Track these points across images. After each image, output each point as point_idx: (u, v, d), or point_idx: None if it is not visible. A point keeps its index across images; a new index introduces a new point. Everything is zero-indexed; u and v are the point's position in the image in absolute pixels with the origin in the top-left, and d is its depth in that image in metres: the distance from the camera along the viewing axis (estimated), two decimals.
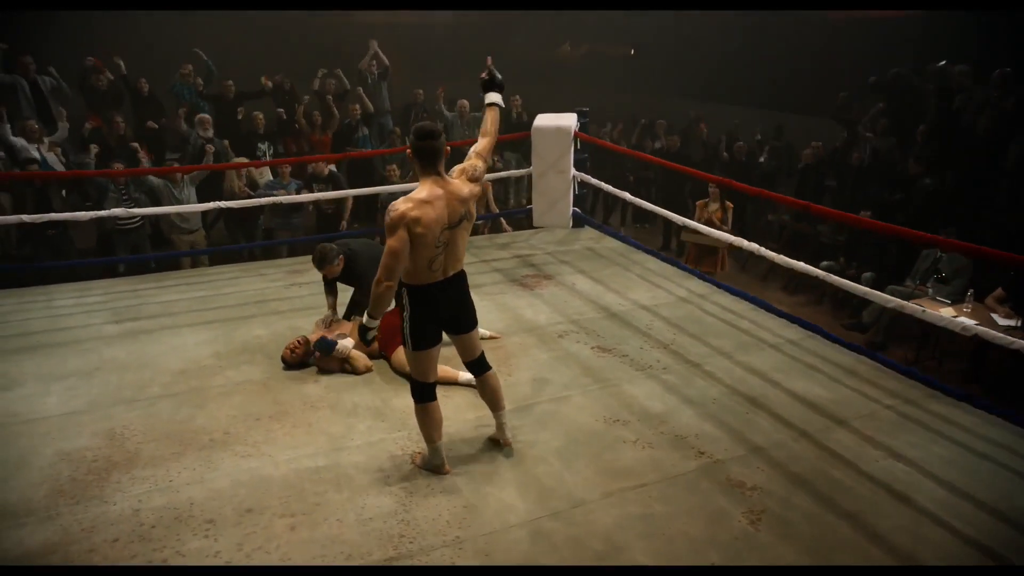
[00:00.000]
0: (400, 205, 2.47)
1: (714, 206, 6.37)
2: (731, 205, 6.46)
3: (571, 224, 5.88)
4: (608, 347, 4.00)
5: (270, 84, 7.74)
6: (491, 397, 2.93)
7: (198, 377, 3.68)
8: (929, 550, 2.41)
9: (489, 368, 2.92)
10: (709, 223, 5.82)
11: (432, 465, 2.82)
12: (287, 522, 2.55)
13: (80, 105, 7.60)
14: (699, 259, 6.38)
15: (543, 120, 5.59)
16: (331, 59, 8.57)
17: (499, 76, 2.94)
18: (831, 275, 3.80)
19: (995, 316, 5.01)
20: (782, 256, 3.95)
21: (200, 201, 6.68)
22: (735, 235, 4.68)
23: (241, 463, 2.92)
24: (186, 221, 6.66)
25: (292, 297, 4.81)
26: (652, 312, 4.52)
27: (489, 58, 3.00)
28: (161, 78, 7.69)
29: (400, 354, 3.68)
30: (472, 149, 2.79)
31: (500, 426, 3.00)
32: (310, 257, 3.98)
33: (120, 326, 4.34)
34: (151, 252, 6.56)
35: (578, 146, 5.61)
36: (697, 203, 6.63)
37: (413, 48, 11.38)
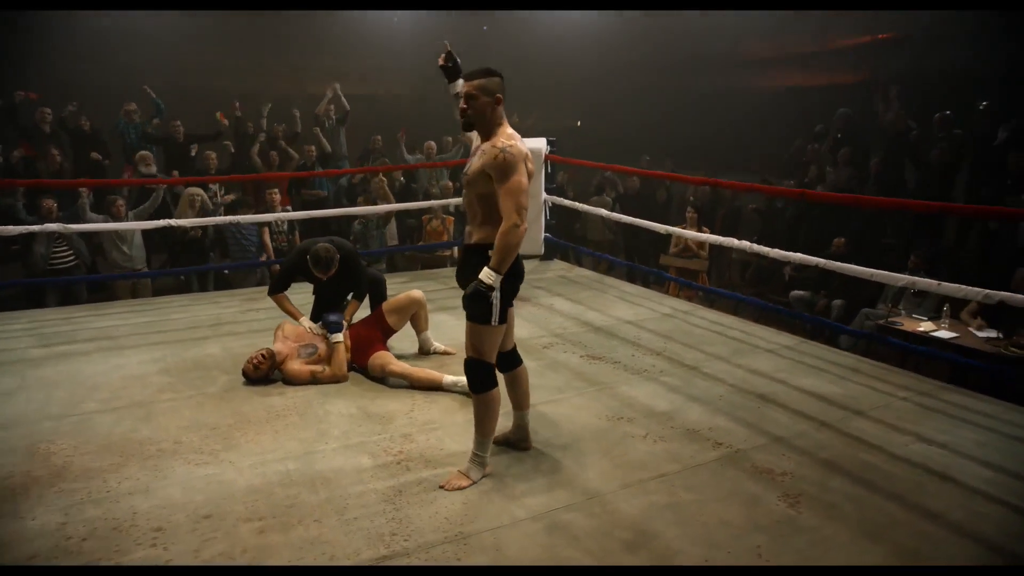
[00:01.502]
0: (514, 142, 2.26)
1: (691, 230, 6.32)
2: (707, 230, 6.41)
3: (543, 250, 5.70)
4: (597, 355, 3.74)
5: (226, 121, 7.46)
6: (521, 394, 2.62)
7: (142, 392, 3.22)
8: (991, 525, 2.16)
9: (521, 361, 2.63)
10: (686, 249, 5.74)
11: (477, 471, 2.42)
12: (254, 526, 2.12)
13: (9, 138, 7.06)
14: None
15: None
16: (288, 101, 8.40)
17: (459, 61, 2.70)
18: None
19: (972, 330, 4.99)
20: (777, 250, 3.80)
21: (146, 239, 6.29)
22: (710, 258, 4.57)
23: (195, 470, 2.48)
24: (129, 260, 6.17)
25: (250, 320, 4.40)
26: (637, 326, 4.30)
27: (446, 42, 2.75)
28: (107, 116, 7.34)
29: (380, 358, 3.33)
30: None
31: (522, 427, 2.66)
32: (266, 288, 3.66)
33: (49, 349, 3.84)
34: (85, 295, 6.00)
35: (549, 169, 5.50)
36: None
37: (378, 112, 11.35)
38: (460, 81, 2.60)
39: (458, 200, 6.39)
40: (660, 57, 12.85)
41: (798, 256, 3.61)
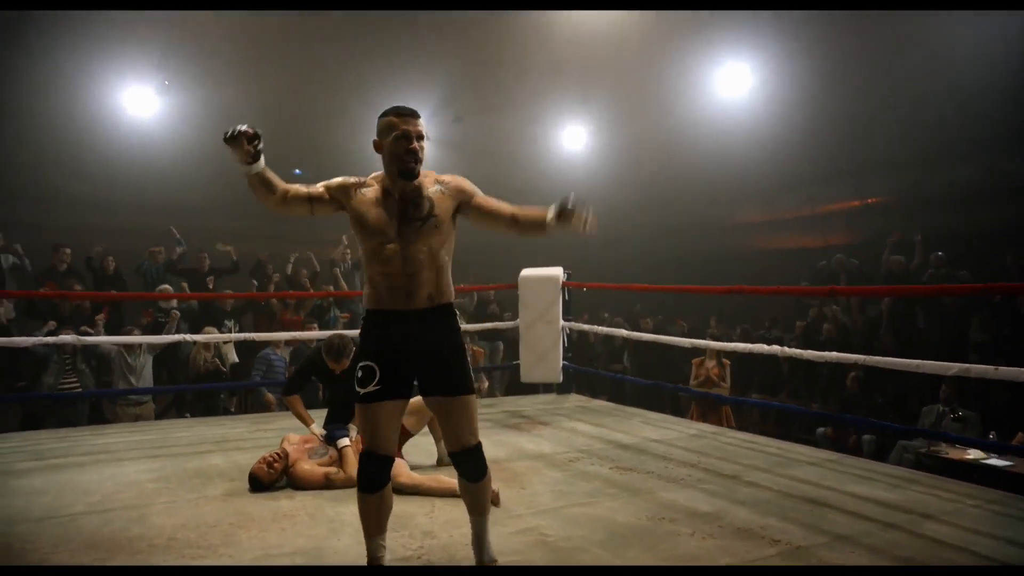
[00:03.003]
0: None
1: (711, 363, 6.17)
2: (727, 362, 6.27)
3: (561, 378, 5.55)
4: (628, 467, 3.47)
5: (230, 249, 7.66)
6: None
7: (137, 496, 2.96)
8: None
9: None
10: (707, 380, 5.59)
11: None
12: None
13: (37, 283, 7.25)
14: (702, 417, 5.99)
15: (530, 271, 5.56)
16: (305, 243, 8.65)
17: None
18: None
19: None
20: (810, 351, 3.66)
21: (156, 373, 6.19)
22: (735, 391, 4.43)
23: (189, 564, 2.19)
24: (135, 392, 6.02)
25: (258, 437, 4.17)
26: (666, 444, 4.05)
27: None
28: (130, 258, 7.55)
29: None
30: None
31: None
32: (274, 414, 3.53)
33: (39, 462, 3.59)
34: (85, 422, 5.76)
35: (567, 296, 5.53)
36: (693, 361, 6.43)
37: None
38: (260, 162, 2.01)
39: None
40: (664, 220, 13.52)
41: (834, 355, 3.47)
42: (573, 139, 13.74)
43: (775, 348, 3.78)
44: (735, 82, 10.77)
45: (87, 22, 9.40)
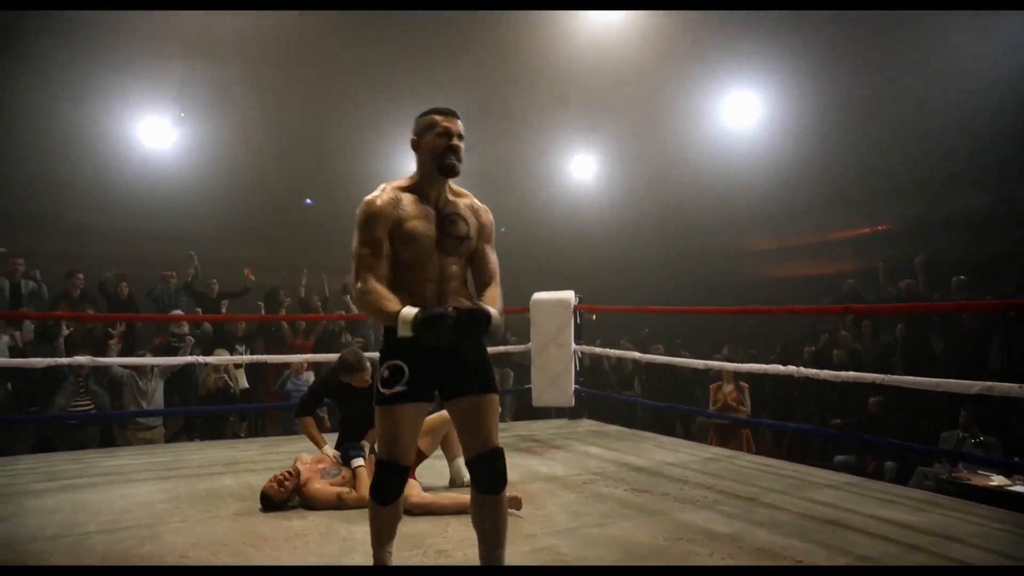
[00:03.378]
0: None
1: (728, 387, 6.11)
2: (746, 385, 6.20)
3: (573, 402, 5.50)
4: (643, 488, 3.42)
5: (252, 278, 7.70)
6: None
7: (149, 516, 2.94)
8: None
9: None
10: (725, 406, 5.53)
11: None
12: None
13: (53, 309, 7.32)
14: (721, 443, 5.91)
15: (542, 295, 5.56)
16: (317, 269, 8.70)
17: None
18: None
19: None
20: (827, 371, 3.62)
21: (167, 396, 6.19)
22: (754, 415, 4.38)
23: None
24: (146, 417, 6.02)
25: (269, 459, 4.14)
26: (681, 467, 3.99)
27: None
28: (144, 287, 7.60)
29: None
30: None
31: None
32: (285, 437, 3.53)
33: (53, 483, 3.58)
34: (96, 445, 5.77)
35: (579, 320, 5.51)
36: (711, 386, 6.38)
37: None
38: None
39: None
40: (672, 247, 13.53)
41: (851, 375, 3.43)
42: (582, 168, 13.85)
43: (791, 368, 3.73)
44: (743, 110, 10.86)
45: (106, 55, 9.65)
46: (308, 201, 14.26)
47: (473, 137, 2.12)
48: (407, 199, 2.02)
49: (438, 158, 1.98)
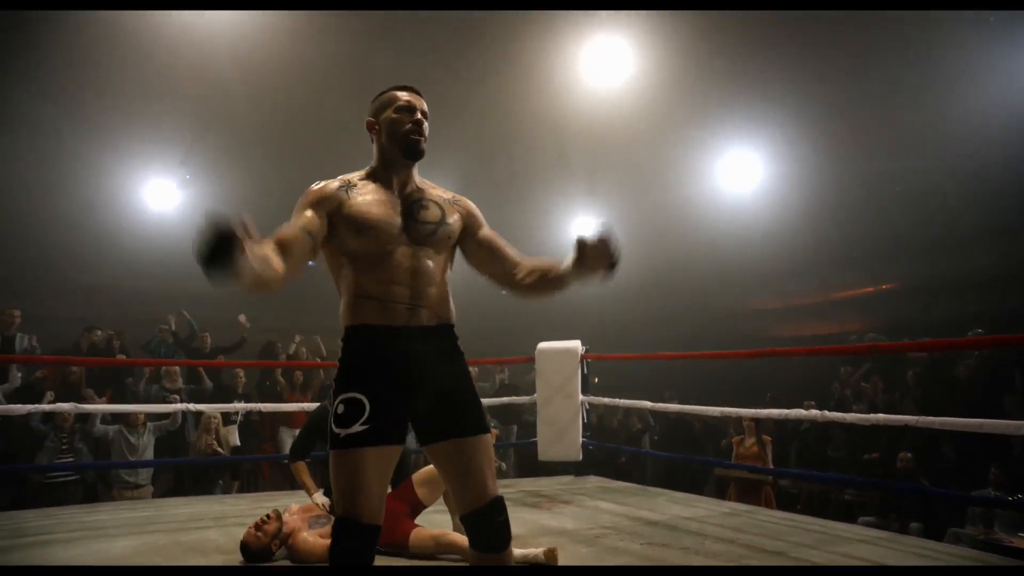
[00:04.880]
0: None
1: (750, 440, 5.84)
2: (769, 439, 5.93)
3: (581, 456, 5.23)
4: (661, 543, 3.17)
5: (247, 325, 7.51)
6: None
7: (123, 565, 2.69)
8: None
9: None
10: (746, 460, 5.27)
11: None
12: None
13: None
14: (741, 498, 5.60)
15: (547, 344, 5.38)
16: (310, 331, 8.51)
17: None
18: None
19: None
20: (854, 414, 3.40)
21: (158, 456, 5.92)
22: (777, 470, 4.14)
23: None
24: (134, 474, 5.73)
25: (259, 513, 3.86)
26: (699, 521, 3.72)
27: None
28: (137, 338, 7.42)
29: (423, 531, 2.83)
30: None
31: None
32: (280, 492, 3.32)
33: (23, 539, 3.32)
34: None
35: (585, 370, 5.31)
36: (734, 439, 6.11)
37: None
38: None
39: None
40: (675, 307, 13.41)
41: (881, 417, 3.21)
42: (583, 229, 13.89)
43: (814, 413, 3.50)
44: (743, 168, 10.95)
45: (113, 117, 9.79)
46: (310, 263, 14.27)
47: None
48: (362, 184, 1.74)
49: (401, 137, 1.72)
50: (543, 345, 5.40)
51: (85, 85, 9.11)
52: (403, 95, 1.76)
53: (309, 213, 1.70)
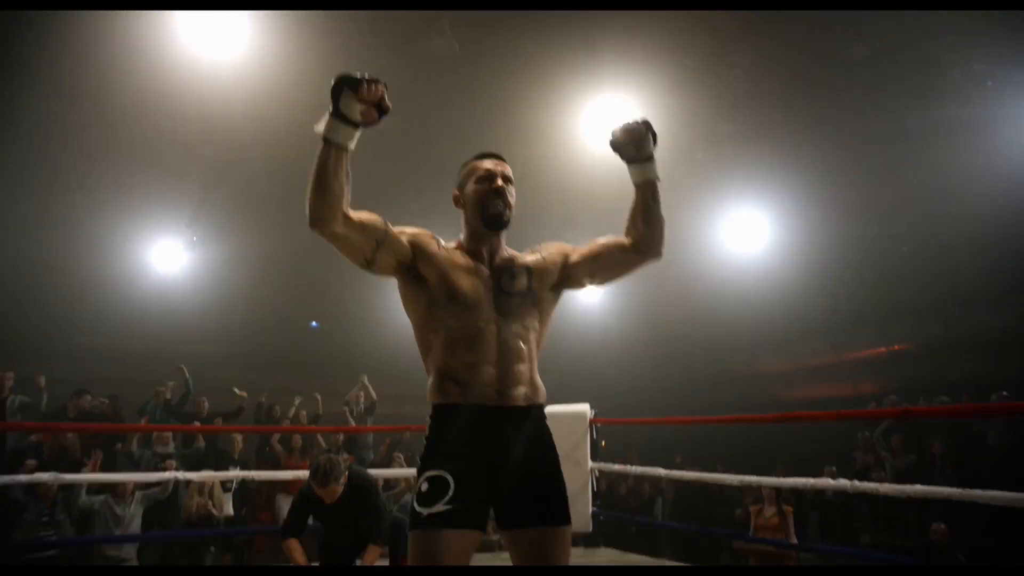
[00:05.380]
0: None
1: (770, 511, 5.51)
2: (790, 509, 5.60)
3: (591, 527, 4.95)
4: None
5: (244, 395, 7.29)
6: None
7: None
8: None
9: None
10: (765, 530, 4.98)
11: None
12: None
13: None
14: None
15: (555, 408, 5.17)
16: (310, 390, 8.29)
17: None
18: None
19: None
20: (887, 484, 3.16)
21: (145, 527, 5.63)
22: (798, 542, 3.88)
23: None
24: (118, 548, 5.44)
25: None
26: None
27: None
28: (136, 400, 7.22)
29: None
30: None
31: None
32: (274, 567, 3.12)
33: None
34: None
35: (594, 435, 5.09)
36: (751, 509, 5.79)
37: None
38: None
39: None
40: (684, 370, 13.18)
41: (920, 488, 2.98)
42: (588, 294, 13.84)
43: (843, 483, 3.23)
44: (751, 230, 10.93)
45: (119, 177, 9.84)
46: (313, 324, 14.14)
47: None
48: (458, 252, 1.69)
49: (482, 207, 1.69)
50: (550, 408, 5.10)
51: (93, 144, 9.19)
52: (484, 164, 1.74)
53: (400, 229, 1.67)
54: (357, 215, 1.56)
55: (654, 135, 1.80)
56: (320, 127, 1.45)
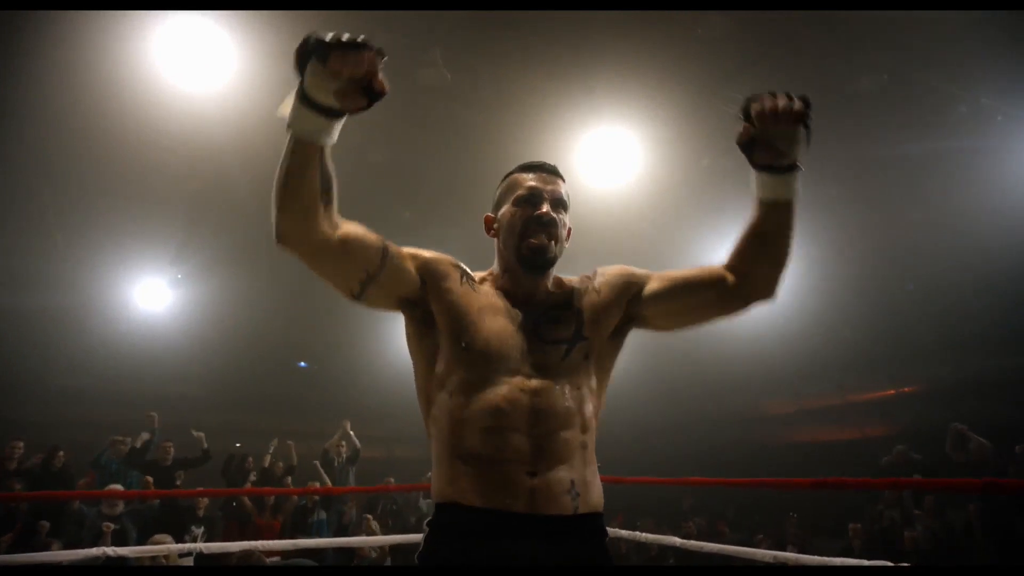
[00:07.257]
0: None
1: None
2: None
3: None
4: None
5: (202, 435, 6.55)
6: None
7: None
8: None
9: None
10: None
11: None
12: None
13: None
14: None
15: None
16: (285, 436, 7.74)
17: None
18: None
19: None
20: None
21: None
22: None
23: None
24: None
25: None
26: None
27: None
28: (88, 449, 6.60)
29: None
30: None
31: None
32: None
33: None
34: None
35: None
36: None
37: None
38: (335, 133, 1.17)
39: None
40: (679, 414, 12.75)
41: None
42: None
43: (883, 563, 2.68)
44: None
45: (104, 217, 9.47)
46: (302, 364, 13.67)
47: None
48: (487, 289, 1.26)
49: (518, 237, 1.24)
50: None
51: (70, 177, 8.84)
52: (527, 179, 1.28)
53: (412, 251, 1.27)
54: (345, 232, 1.16)
55: (808, 129, 1.19)
56: (284, 110, 1.06)
